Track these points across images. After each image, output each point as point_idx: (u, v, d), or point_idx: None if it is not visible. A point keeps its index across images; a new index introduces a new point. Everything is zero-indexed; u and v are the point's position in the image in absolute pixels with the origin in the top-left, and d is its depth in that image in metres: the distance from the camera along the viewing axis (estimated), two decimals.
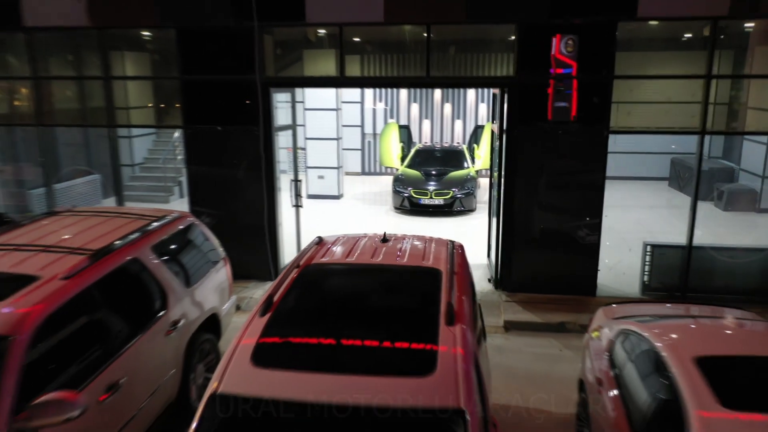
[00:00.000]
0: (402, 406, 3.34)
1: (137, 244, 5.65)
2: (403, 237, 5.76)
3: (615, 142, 9.36)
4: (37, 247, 5.32)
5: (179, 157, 15.89)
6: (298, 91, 13.35)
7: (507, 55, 8.87)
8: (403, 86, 15.61)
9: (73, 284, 4.69)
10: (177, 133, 10.52)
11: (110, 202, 14.23)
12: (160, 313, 5.61)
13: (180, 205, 14.86)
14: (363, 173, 19.85)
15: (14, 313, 4.23)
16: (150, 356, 5.38)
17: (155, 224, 6.17)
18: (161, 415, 5.64)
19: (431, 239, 5.72)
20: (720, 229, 12.72)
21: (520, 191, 8.98)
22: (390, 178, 15.73)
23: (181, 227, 6.54)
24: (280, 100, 9.92)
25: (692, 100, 8.35)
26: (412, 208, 14.36)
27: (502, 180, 9.15)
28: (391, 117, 19.69)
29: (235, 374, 3.63)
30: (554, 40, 8.24)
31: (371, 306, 4.47)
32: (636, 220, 12.64)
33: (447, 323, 3.94)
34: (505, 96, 8.83)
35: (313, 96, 15.76)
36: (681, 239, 8.87)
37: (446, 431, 3.32)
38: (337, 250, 5.34)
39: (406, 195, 14.39)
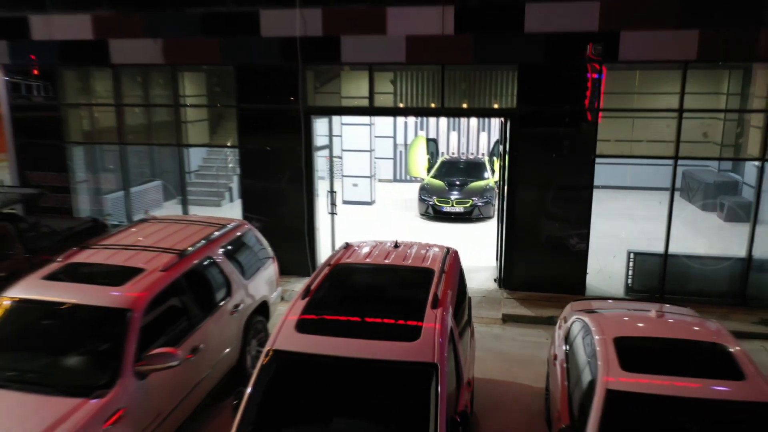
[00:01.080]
0: (396, 360, 5.03)
1: (210, 246, 7.50)
2: (411, 244, 7.43)
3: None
4: (138, 247, 7.19)
5: (230, 166, 17.91)
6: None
7: (509, 90, 10.47)
8: (422, 115, 17.53)
9: (169, 275, 6.54)
10: (228, 143, 12.39)
11: (169, 204, 16.34)
12: (226, 299, 7.44)
13: (230, 208, 16.85)
14: (394, 180, 21.54)
15: (132, 295, 6.08)
16: (219, 330, 7.20)
17: (222, 230, 8.02)
18: (224, 376, 7.45)
19: (432, 246, 7.37)
20: (715, 238, 13.94)
21: (520, 203, 10.57)
22: (418, 186, 17.39)
23: (239, 233, 8.37)
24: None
25: (666, 135, 9.81)
26: (435, 214, 16.00)
27: (505, 193, 10.75)
28: (421, 129, 21.34)
29: (285, 337, 5.37)
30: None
31: (381, 294, 6.18)
32: (641, 229, 13.89)
33: (432, 307, 5.61)
34: (508, 123, 10.43)
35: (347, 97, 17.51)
36: (678, 248, 10.30)
37: (425, 377, 4.98)
38: (359, 253, 7.07)
39: (430, 203, 16.05)
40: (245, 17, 10.63)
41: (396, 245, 7.29)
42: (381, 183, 20.49)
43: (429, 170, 17.88)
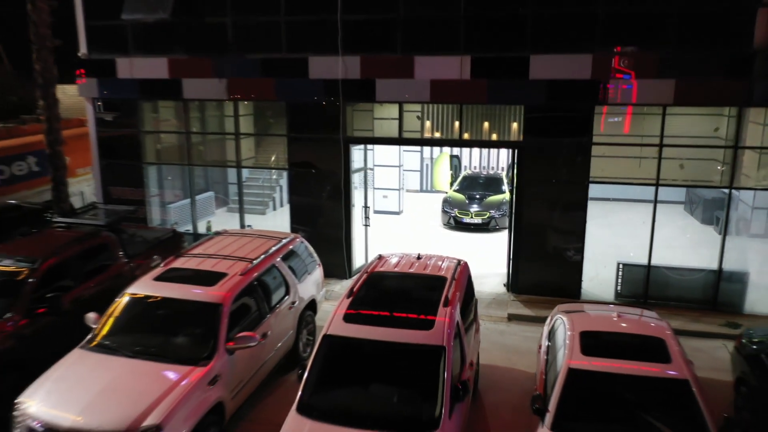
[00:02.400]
0: (415, 343, 7.04)
1: (274, 255, 9.63)
2: (431, 256, 9.43)
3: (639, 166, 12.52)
4: (219, 256, 9.34)
5: (274, 177, 20.06)
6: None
7: (516, 125, 12.40)
8: (443, 146, 20.02)
9: (246, 278, 8.67)
10: (278, 165, 14.58)
11: (220, 212, 18.58)
12: (285, 297, 9.55)
13: (273, 216, 18.98)
14: (421, 191, 23.49)
15: (222, 294, 8.20)
16: (280, 322, 9.31)
17: (281, 243, 10.14)
18: (283, 357, 9.53)
19: (447, 258, 9.36)
20: (706, 249, 15.53)
21: (525, 220, 12.49)
22: (442, 198, 19.34)
23: (293, 245, 10.48)
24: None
25: (649, 164, 11.64)
26: (456, 225, 17.95)
27: (514, 211, 12.67)
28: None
29: (336, 325, 7.42)
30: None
31: (406, 295, 8.20)
32: (632, 241, 15.52)
33: (443, 306, 7.61)
34: (516, 153, 12.37)
35: (379, 129, 19.56)
36: (670, 258, 12.09)
37: (436, 355, 6.98)
38: (390, 263, 9.11)
39: (452, 214, 18.01)
40: (296, 62, 12.76)
41: (419, 257, 9.32)
42: (409, 193, 22.45)
43: (452, 184, 19.83)
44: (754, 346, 8.43)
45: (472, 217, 17.75)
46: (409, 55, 12.17)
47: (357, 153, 13.76)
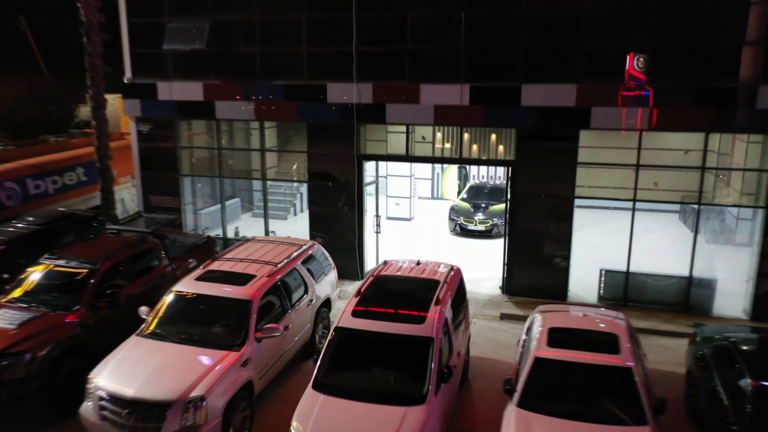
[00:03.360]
0: (409, 334, 8.63)
1: (295, 259, 11.28)
2: (428, 262, 11.01)
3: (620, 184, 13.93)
4: (248, 260, 11.01)
5: (295, 185, 21.75)
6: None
7: (510, 146, 13.92)
8: (445, 163, 21.77)
9: (271, 279, 10.33)
10: (299, 178, 16.26)
11: (245, 216, 20.27)
12: (305, 295, 11.20)
13: (294, 221, 20.63)
14: (432, 198, 25.04)
15: (252, 292, 9.87)
16: (300, 317, 10.95)
17: (301, 249, 11.79)
18: (301, 348, 11.16)
19: (442, 264, 10.92)
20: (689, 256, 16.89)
21: (518, 228, 14.00)
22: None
23: (311, 251, 12.12)
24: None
25: (626, 183, 13.10)
26: (461, 232, 19.48)
27: (508, 222, 14.19)
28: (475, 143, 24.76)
29: (345, 319, 9.05)
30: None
31: (405, 295, 9.78)
32: (617, 250, 16.85)
33: (435, 304, 9.18)
34: (510, 170, 13.90)
35: (392, 142, 21.15)
36: (652, 265, 13.53)
37: (426, 344, 8.55)
38: (393, 267, 10.70)
39: (458, 222, 19.55)
40: (316, 88, 14.42)
41: (418, 263, 10.92)
42: (421, 200, 24.03)
43: (459, 193, 21.35)
44: (700, 343, 9.86)
45: (476, 225, 19.27)
46: (416, 83, 13.76)
47: (370, 167, 15.37)
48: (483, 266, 16.11)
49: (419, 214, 22.24)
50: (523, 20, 12.94)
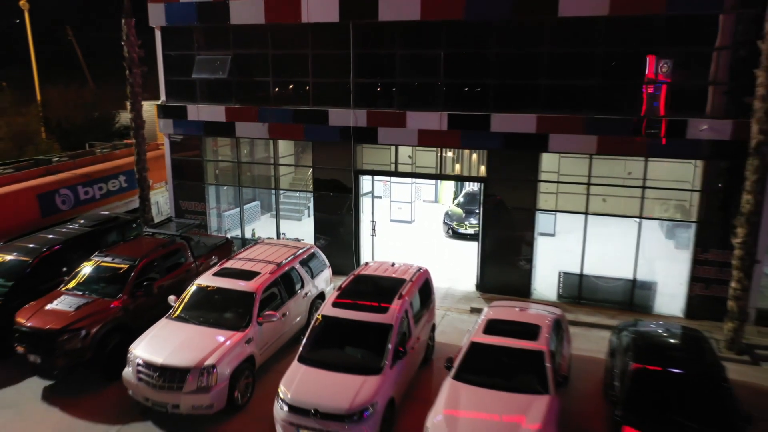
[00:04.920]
0: (374, 321, 11.12)
1: (294, 260, 13.85)
2: (401, 264, 13.44)
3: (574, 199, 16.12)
4: (256, 260, 13.61)
5: (309, 188, 24.34)
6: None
7: (482, 164, 16.23)
8: (427, 179, 23.35)
9: (273, 275, 12.92)
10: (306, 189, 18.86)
11: (264, 218, 22.89)
12: (301, 289, 13.75)
13: (306, 222, 23.07)
14: (435, 202, 27.36)
15: (256, 285, 12.46)
16: (296, 306, 13.51)
17: (300, 251, 14.35)
18: (297, 333, 13.69)
19: (412, 267, 13.35)
20: (655, 260, 18.91)
21: (489, 234, 16.33)
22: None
23: (308, 253, 14.66)
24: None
25: (581, 199, 15.31)
26: (453, 234, 21.81)
27: (481, 227, 16.51)
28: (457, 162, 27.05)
29: (327, 309, 11.59)
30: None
31: (376, 290, 12.24)
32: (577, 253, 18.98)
33: (398, 299, 11.64)
34: (482, 186, 16.23)
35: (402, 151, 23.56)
36: (609, 268, 15.75)
37: (386, 330, 11.02)
38: (371, 268, 13.19)
39: (451, 225, 21.88)
40: (319, 113, 16.94)
41: (393, 264, 13.39)
42: (425, 203, 26.37)
43: (454, 199, 23.66)
44: (616, 334, 12.09)
45: (466, 228, 21.57)
46: (403, 110, 16.16)
47: (367, 182, 17.87)
48: (466, 266, 18.45)
49: (420, 217, 24.60)
50: (492, 59, 15.24)
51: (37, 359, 11.94)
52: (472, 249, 20.48)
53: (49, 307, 12.45)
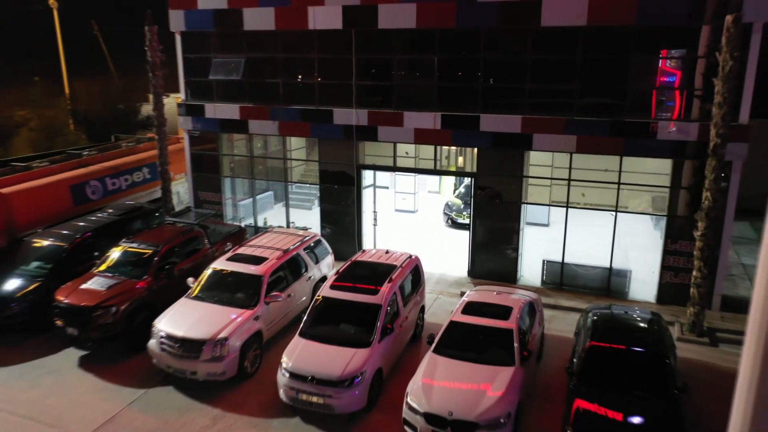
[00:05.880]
0: (365, 302, 12.71)
1: (299, 247, 15.48)
2: (394, 252, 14.98)
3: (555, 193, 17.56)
4: (264, 246, 15.24)
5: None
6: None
7: (473, 161, 17.65)
8: (424, 173, 24.07)
9: (279, 261, 14.56)
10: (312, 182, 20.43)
11: (277, 206, 24.51)
12: (304, 273, 15.38)
13: (316, 211, 24.80)
14: (439, 192, 28.80)
15: (263, 269, 14.11)
16: (300, 288, 15.15)
17: (305, 239, 15.96)
18: (301, 312, 15.33)
19: (403, 255, 14.89)
20: (639, 249, 20.26)
21: (479, 225, 17.80)
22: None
23: (313, 241, 16.28)
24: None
25: (563, 192, 16.68)
26: (453, 224, 23.28)
27: (472, 218, 17.98)
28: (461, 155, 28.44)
29: (325, 290, 13.22)
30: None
31: (370, 274, 13.81)
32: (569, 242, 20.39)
33: (387, 282, 13.21)
34: (472, 180, 17.67)
35: (402, 147, 25.01)
36: (591, 258, 17.18)
37: (375, 310, 12.61)
38: (367, 255, 14.76)
39: (450, 215, 23.35)
40: (325, 112, 18.47)
41: (387, 251, 14.94)
42: (430, 194, 27.83)
43: (455, 191, 25.10)
44: (583, 316, 13.53)
45: (464, 219, 22.99)
46: (401, 110, 17.62)
47: (370, 175, 19.40)
48: (460, 254, 19.93)
49: (423, 207, 26.08)
50: (481, 65, 16.62)
51: (74, 332, 13.73)
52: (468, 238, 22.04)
53: (83, 286, 14.22)
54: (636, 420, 10.03)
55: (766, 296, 2.15)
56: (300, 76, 18.76)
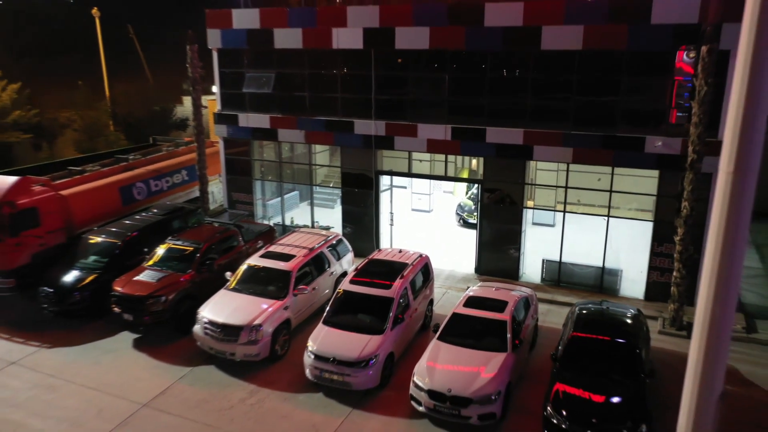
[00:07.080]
0: (380, 295, 14.70)
1: (323, 245, 17.53)
2: (406, 251, 16.93)
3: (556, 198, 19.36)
4: (292, 245, 17.30)
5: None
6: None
7: (480, 169, 19.47)
8: (436, 179, 26.05)
9: (305, 258, 16.63)
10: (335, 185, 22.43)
11: (303, 205, 26.58)
12: (327, 268, 17.42)
13: (338, 210, 26.81)
14: (452, 193, 30.62)
15: (292, 266, 16.17)
16: (323, 282, 17.19)
17: (328, 238, 17.99)
18: (324, 304, 17.35)
19: (415, 254, 16.83)
20: (635, 250, 21.90)
21: (485, 227, 19.65)
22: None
23: (335, 240, 18.30)
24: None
25: (559, 198, 18.44)
26: (464, 224, 25.12)
27: (479, 220, 19.84)
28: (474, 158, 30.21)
29: (346, 284, 15.25)
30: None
31: (384, 271, 15.78)
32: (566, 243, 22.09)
33: (399, 278, 15.18)
34: (480, 187, 19.54)
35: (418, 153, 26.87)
36: (587, 258, 18.97)
37: (388, 302, 14.59)
38: (383, 253, 16.74)
39: (462, 216, 25.19)
40: (347, 123, 20.44)
41: (400, 251, 16.91)
42: (445, 193, 29.68)
43: (467, 192, 26.93)
44: (572, 309, 15.32)
45: (475, 219, 24.80)
46: (414, 123, 19.51)
47: (387, 179, 21.36)
48: (467, 252, 21.81)
49: (437, 207, 27.95)
50: (487, 82, 18.43)
51: (129, 317, 15.94)
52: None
53: (137, 278, 16.43)
54: (604, 398, 11.88)
55: (709, 288, 3.87)
56: (324, 90, 20.73)
